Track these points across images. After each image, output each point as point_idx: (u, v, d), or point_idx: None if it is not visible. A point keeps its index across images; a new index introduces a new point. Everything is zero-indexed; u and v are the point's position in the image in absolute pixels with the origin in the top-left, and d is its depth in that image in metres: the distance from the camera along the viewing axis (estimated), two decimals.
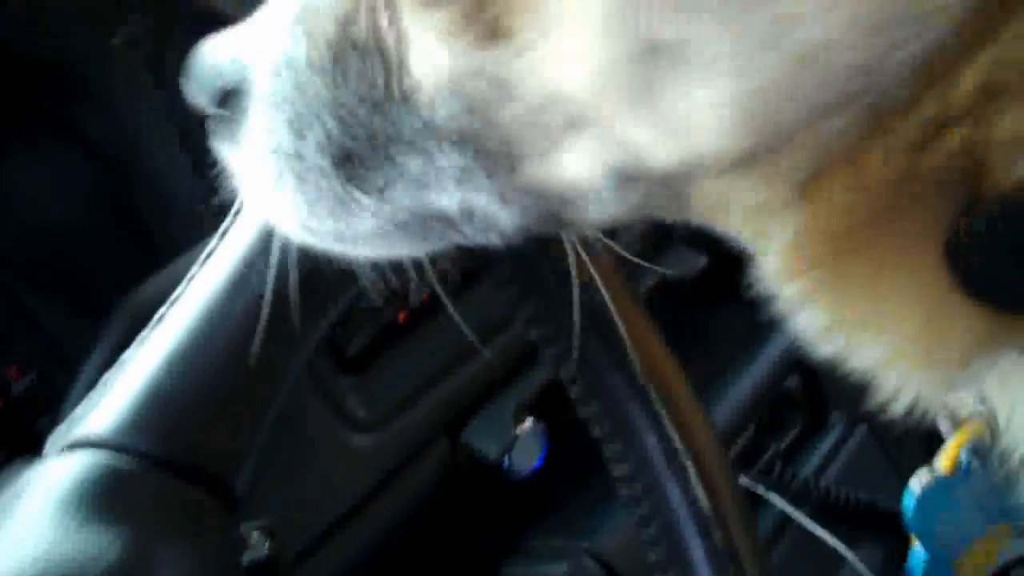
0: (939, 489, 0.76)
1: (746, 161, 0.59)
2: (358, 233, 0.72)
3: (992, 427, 0.69)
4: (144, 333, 0.82)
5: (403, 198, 0.69)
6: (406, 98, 0.66)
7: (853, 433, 1.94)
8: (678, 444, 0.84)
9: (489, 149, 0.65)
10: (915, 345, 0.61)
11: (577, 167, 0.63)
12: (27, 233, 1.35)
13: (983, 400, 0.67)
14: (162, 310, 0.82)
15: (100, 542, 0.67)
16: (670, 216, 0.69)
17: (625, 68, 0.56)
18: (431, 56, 0.64)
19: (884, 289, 0.61)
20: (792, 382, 1.91)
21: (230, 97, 0.74)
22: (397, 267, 0.81)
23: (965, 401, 0.66)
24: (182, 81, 0.76)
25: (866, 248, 0.60)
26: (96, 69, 1.13)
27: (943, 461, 0.74)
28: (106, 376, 0.81)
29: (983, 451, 0.73)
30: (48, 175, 1.37)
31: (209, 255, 0.83)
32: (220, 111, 0.74)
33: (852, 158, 0.57)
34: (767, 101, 0.55)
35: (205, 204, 0.95)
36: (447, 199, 0.68)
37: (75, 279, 1.38)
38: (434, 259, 0.78)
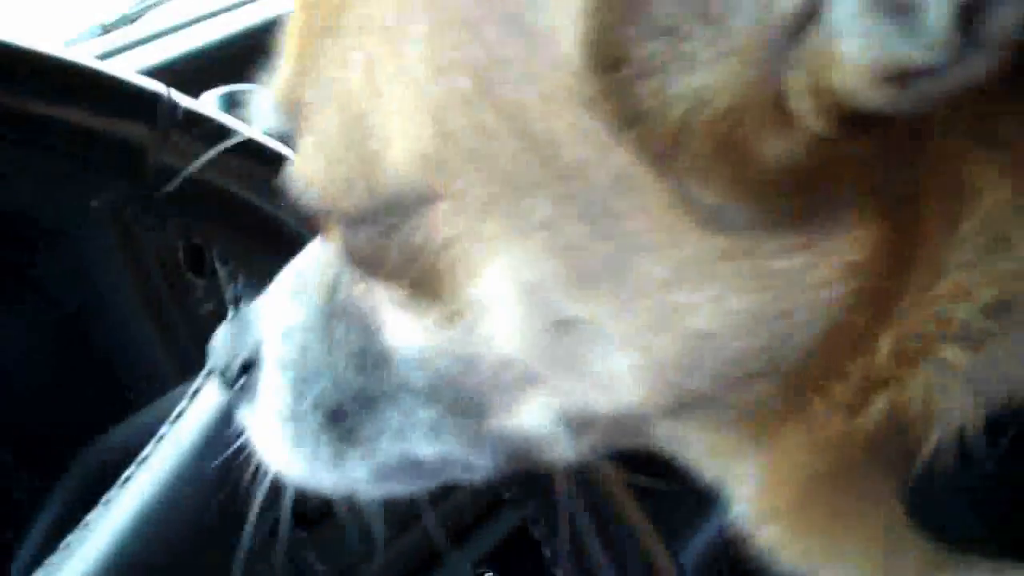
0: None
1: (677, 413, 0.65)
2: (353, 480, 0.78)
3: None
4: (110, 493, 0.82)
5: (388, 449, 0.75)
6: (384, 361, 0.72)
7: None
8: None
9: (457, 406, 0.71)
10: (877, 574, 0.66)
11: (533, 417, 0.69)
12: None
13: None
14: (129, 470, 0.82)
15: None
16: (639, 446, 0.73)
17: (548, 339, 0.63)
18: (398, 328, 0.70)
19: (843, 530, 0.65)
20: None
21: (249, 368, 0.82)
22: None
23: None
24: (209, 352, 0.86)
25: (826, 498, 0.65)
26: (68, 227, 1.14)
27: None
28: (69, 539, 0.81)
29: None
30: (6, 326, 1.36)
31: (180, 415, 0.84)
32: (239, 382, 0.82)
33: (798, 416, 0.62)
34: (673, 371, 0.61)
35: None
36: (425, 448, 0.74)
37: (26, 432, 1.36)
38: None
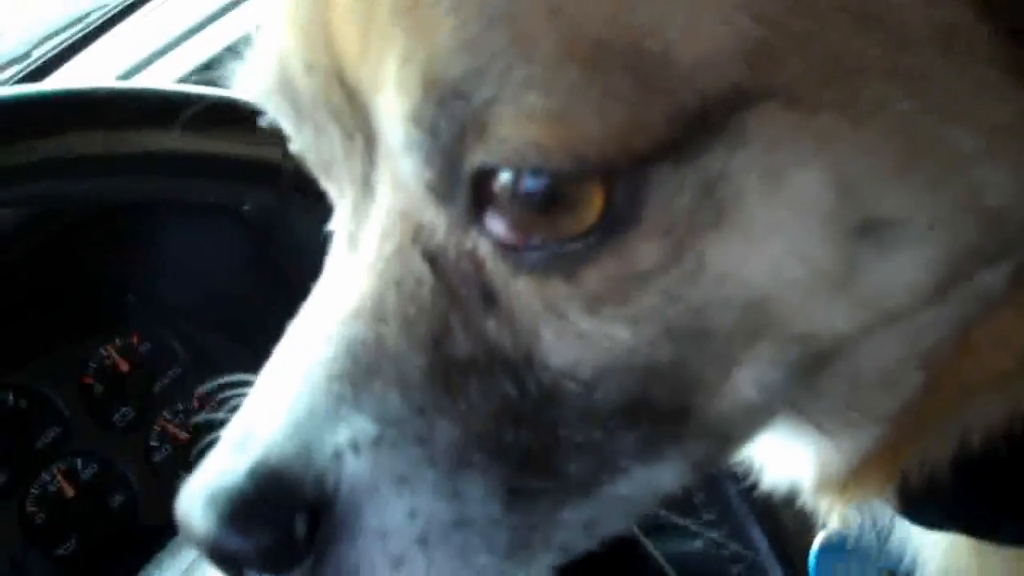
0: (834, 544, 0.89)
1: (916, 312, 0.62)
2: None
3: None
4: None
5: (579, 512, 0.62)
6: (549, 397, 0.59)
7: None
8: None
9: (660, 408, 0.61)
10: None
11: (752, 379, 0.61)
12: (198, 288, 1.65)
13: None
14: None
15: None
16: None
17: (842, 249, 0.57)
18: (582, 341, 0.59)
19: None
20: None
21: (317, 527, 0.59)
22: None
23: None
24: (209, 538, 0.60)
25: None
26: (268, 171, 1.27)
27: (834, 520, 0.84)
28: None
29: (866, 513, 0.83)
30: (217, 246, 1.62)
31: None
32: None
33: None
34: (956, 260, 0.60)
35: None
36: (629, 483, 0.62)
37: (235, 321, 1.60)
38: None
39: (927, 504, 0.70)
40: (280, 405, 0.60)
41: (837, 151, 0.55)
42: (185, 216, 1.61)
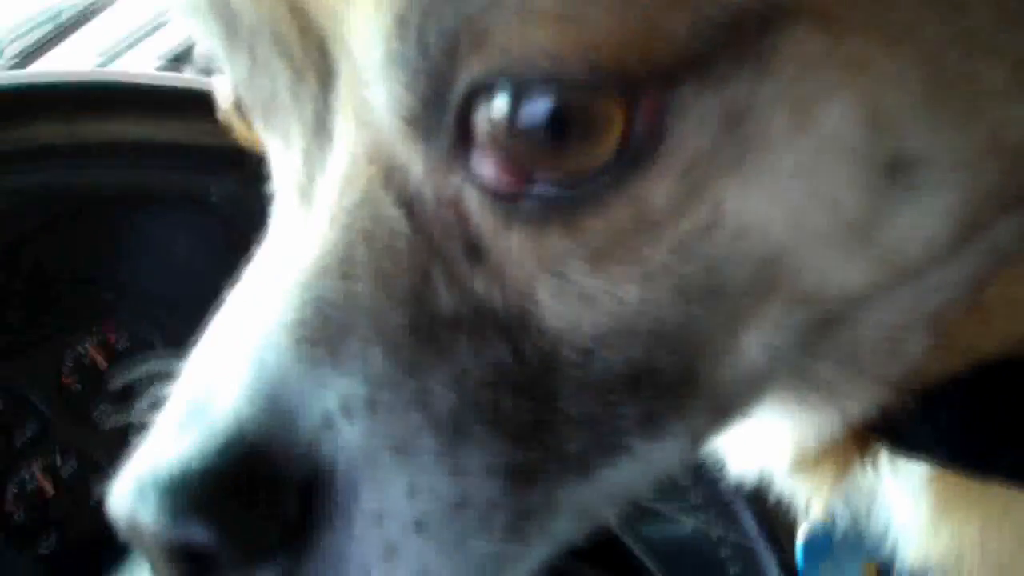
0: (818, 539, 0.84)
1: (898, 289, 0.59)
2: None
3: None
4: None
5: (577, 494, 0.55)
6: (547, 364, 0.53)
7: None
8: None
9: (663, 375, 0.55)
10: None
11: (760, 340, 0.57)
12: (171, 279, 1.63)
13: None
14: None
15: None
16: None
17: (870, 191, 0.53)
18: (583, 302, 0.53)
19: None
20: None
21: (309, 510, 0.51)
22: None
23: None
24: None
25: None
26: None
27: (815, 510, 0.81)
28: None
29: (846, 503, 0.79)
30: (188, 236, 1.62)
31: None
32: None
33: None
34: (975, 207, 0.56)
35: None
36: (624, 468, 0.56)
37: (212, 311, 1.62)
38: None
39: (913, 424, 0.65)
40: (239, 373, 0.52)
41: (867, 80, 0.50)
42: (155, 208, 1.61)
